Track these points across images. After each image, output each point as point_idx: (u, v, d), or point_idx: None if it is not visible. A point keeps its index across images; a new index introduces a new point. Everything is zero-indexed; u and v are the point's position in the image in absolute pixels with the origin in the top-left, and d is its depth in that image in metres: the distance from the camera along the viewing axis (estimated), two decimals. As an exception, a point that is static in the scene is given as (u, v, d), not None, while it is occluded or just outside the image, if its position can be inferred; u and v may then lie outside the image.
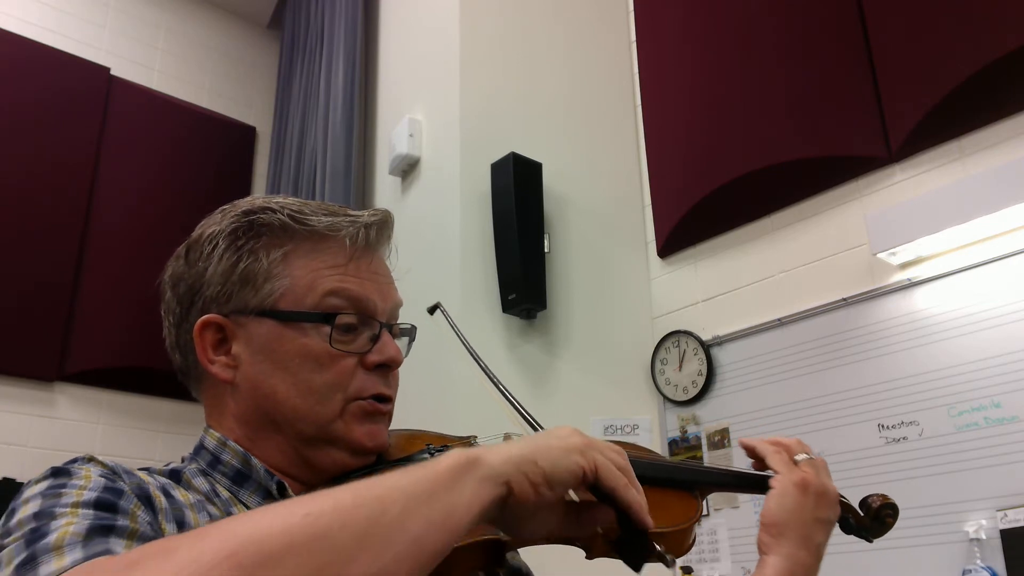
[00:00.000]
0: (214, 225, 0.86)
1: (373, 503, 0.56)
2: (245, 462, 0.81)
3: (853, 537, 0.96)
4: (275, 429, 0.82)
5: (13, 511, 0.65)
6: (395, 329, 0.89)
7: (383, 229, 0.88)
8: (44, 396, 3.55)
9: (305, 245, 0.84)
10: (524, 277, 2.55)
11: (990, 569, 1.83)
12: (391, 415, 0.87)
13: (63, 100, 3.82)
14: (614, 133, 3.04)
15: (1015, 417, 1.89)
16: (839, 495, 0.91)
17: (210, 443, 0.83)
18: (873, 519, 0.94)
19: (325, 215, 0.85)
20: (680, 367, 2.64)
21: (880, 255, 2.16)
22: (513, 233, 2.58)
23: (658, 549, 0.70)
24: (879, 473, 2.09)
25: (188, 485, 0.79)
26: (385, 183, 3.32)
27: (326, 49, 3.83)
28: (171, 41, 4.41)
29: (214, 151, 4.32)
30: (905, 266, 2.18)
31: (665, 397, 2.68)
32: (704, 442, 2.55)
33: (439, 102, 2.98)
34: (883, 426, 2.12)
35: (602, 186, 2.94)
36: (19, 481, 3.28)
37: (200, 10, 4.57)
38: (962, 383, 1.99)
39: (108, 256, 3.78)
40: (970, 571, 1.85)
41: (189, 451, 0.86)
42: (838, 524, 0.92)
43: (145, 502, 0.69)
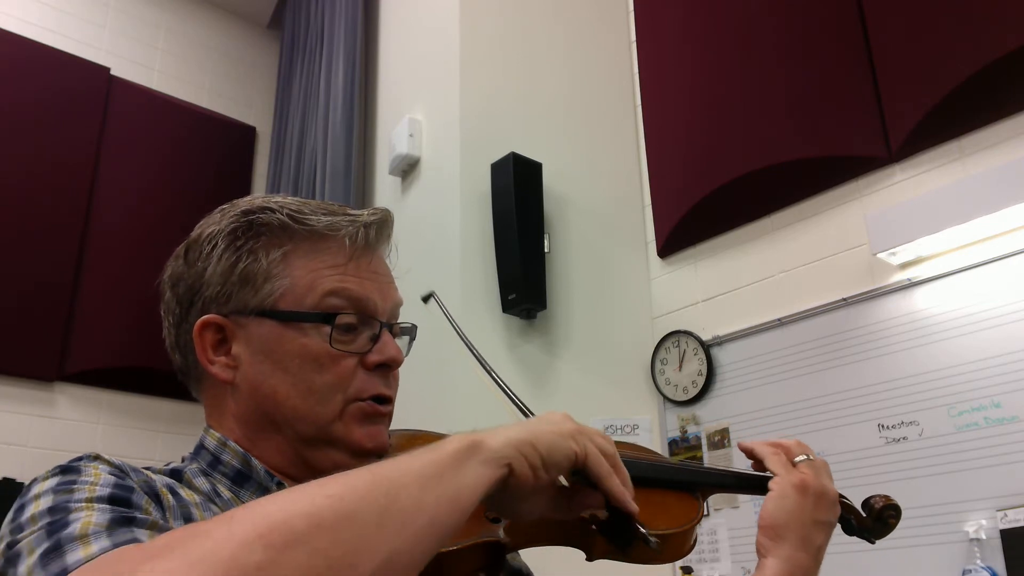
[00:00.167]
0: (213, 225, 0.85)
1: (390, 484, 0.59)
2: (245, 462, 0.81)
3: (854, 537, 0.96)
4: (275, 429, 0.82)
5: (23, 507, 0.65)
6: (395, 329, 0.88)
7: (383, 228, 0.87)
8: (44, 396, 3.55)
9: (305, 245, 0.83)
10: (524, 277, 2.55)
11: (990, 569, 1.83)
12: (391, 416, 0.87)
13: (63, 100, 3.82)
14: (614, 133, 3.04)
15: (1015, 417, 1.89)
16: (840, 496, 0.91)
17: (210, 443, 0.83)
18: (875, 520, 0.93)
19: (324, 214, 0.85)
20: (680, 367, 2.64)
21: (880, 255, 2.16)
22: (513, 233, 2.58)
23: (643, 531, 0.72)
24: (879, 473, 2.09)
25: (189, 485, 0.78)
26: (385, 183, 3.32)
27: (326, 49, 3.83)
28: (171, 41, 4.41)
29: (214, 151, 4.32)
30: (905, 266, 2.18)
31: (665, 397, 2.68)
32: (704, 442, 2.54)
33: (439, 102, 2.98)
34: (883, 426, 2.12)
35: (602, 186, 2.94)
36: (19, 481, 3.28)
37: (200, 10, 4.57)
38: (962, 383, 1.99)
39: (108, 256, 3.78)
40: (970, 571, 1.85)
41: (189, 451, 0.86)
42: (840, 525, 0.91)
43: (154, 499, 0.69)
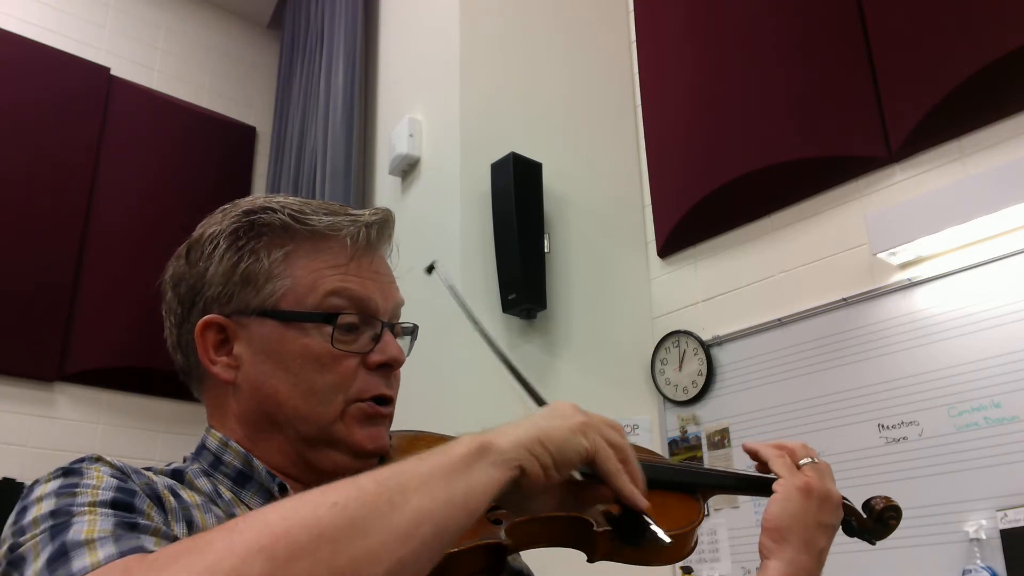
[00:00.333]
0: (215, 225, 0.85)
1: (396, 489, 0.58)
2: (247, 463, 0.81)
3: (854, 538, 0.96)
4: (276, 430, 0.82)
5: (25, 510, 0.64)
6: (397, 328, 0.88)
7: (384, 228, 0.87)
8: (44, 396, 3.55)
9: (306, 245, 0.83)
10: (524, 277, 2.55)
11: (990, 569, 1.83)
12: (392, 417, 0.87)
13: (63, 100, 3.82)
14: (614, 133, 3.04)
15: (1015, 417, 1.89)
16: (842, 499, 0.91)
17: (212, 443, 0.83)
18: (876, 521, 0.93)
19: (326, 214, 0.85)
20: (680, 367, 2.64)
21: (880, 255, 2.16)
22: (513, 233, 2.58)
23: (653, 529, 0.72)
24: (879, 473, 2.09)
25: (191, 486, 0.78)
26: (385, 183, 3.32)
27: (326, 49, 3.82)
28: (171, 41, 4.41)
29: (214, 151, 4.32)
30: (905, 266, 2.18)
31: (665, 397, 2.68)
32: (704, 442, 2.55)
33: (439, 102, 2.98)
34: (883, 426, 2.12)
35: (602, 186, 2.94)
36: (19, 481, 3.27)
37: (200, 10, 4.57)
38: (962, 383, 1.99)
39: (108, 256, 3.78)
40: (970, 571, 1.85)
41: (189, 451, 0.86)
42: (841, 526, 0.91)
43: (156, 501, 0.69)
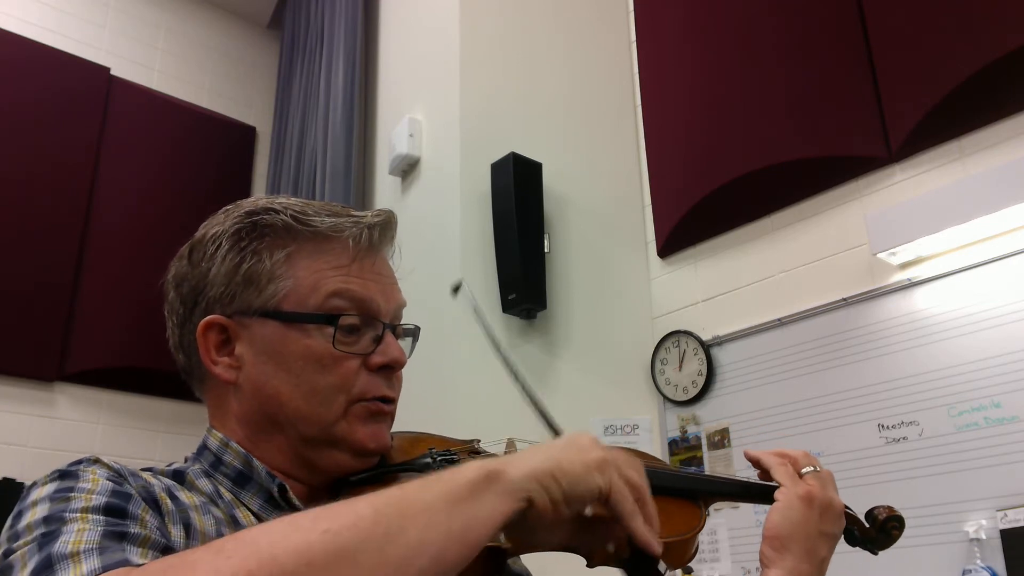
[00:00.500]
0: (217, 225, 0.85)
1: (393, 518, 0.56)
2: (247, 463, 0.81)
3: (856, 548, 0.95)
4: (277, 430, 0.82)
5: (20, 514, 0.64)
6: (398, 330, 0.89)
7: (386, 229, 0.88)
8: (44, 396, 3.55)
9: (308, 246, 0.83)
10: (524, 277, 2.55)
11: (990, 569, 1.83)
12: (394, 416, 0.87)
13: (63, 100, 3.82)
14: (614, 133, 3.04)
15: (1015, 417, 1.89)
16: (845, 507, 0.90)
17: (213, 444, 0.83)
18: (879, 531, 0.93)
19: (328, 215, 0.85)
20: (680, 367, 2.64)
21: (880, 255, 2.16)
22: (513, 233, 2.58)
23: (662, 568, 0.70)
24: (879, 473, 2.09)
25: (192, 486, 0.78)
26: (385, 183, 3.32)
27: (326, 49, 3.82)
28: (171, 41, 4.40)
29: (214, 151, 4.32)
30: (905, 266, 2.18)
31: (665, 397, 2.68)
32: (704, 442, 2.55)
33: (439, 102, 2.98)
34: (883, 426, 2.12)
35: (602, 186, 2.94)
36: (19, 481, 3.27)
37: (200, 10, 4.56)
38: (962, 383, 1.99)
39: (108, 256, 3.78)
40: (970, 571, 1.85)
41: (189, 451, 0.86)
42: (843, 536, 0.91)
43: (152, 505, 0.68)
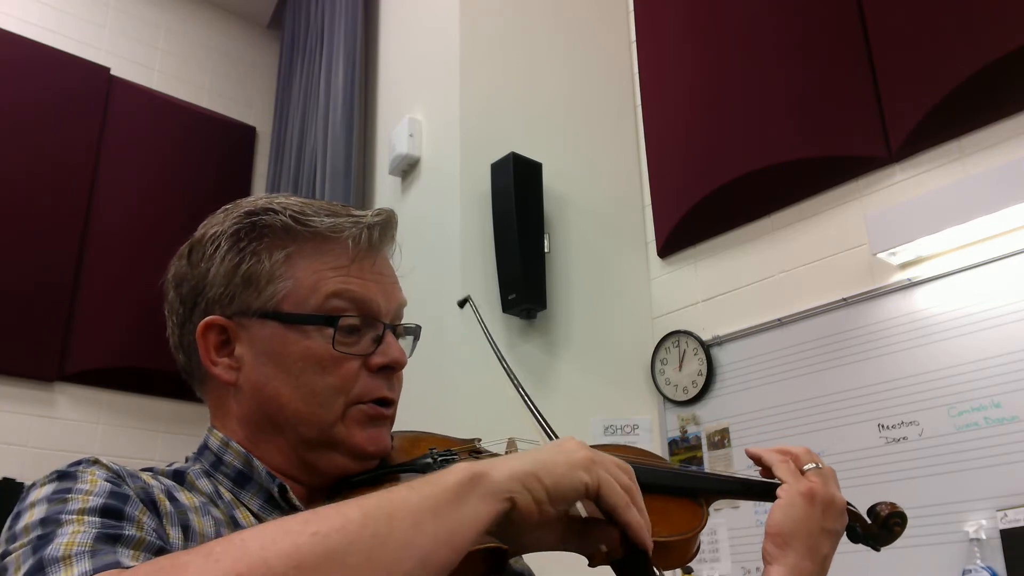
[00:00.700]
0: (216, 225, 0.85)
1: (381, 521, 0.57)
2: (247, 463, 0.81)
3: (859, 544, 0.95)
4: (277, 431, 0.82)
5: (19, 515, 0.65)
6: (399, 329, 0.88)
7: (387, 229, 0.87)
8: (44, 396, 3.55)
9: (308, 246, 0.83)
10: (524, 277, 2.55)
11: (990, 569, 1.83)
12: (394, 418, 0.87)
13: (63, 100, 3.82)
14: (614, 133, 3.04)
15: (1015, 417, 1.89)
16: (847, 504, 0.90)
17: (213, 444, 0.83)
18: (881, 527, 0.93)
19: (328, 216, 0.84)
20: (680, 367, 2.64)
21: (880, 255, 2.16)
22: (513, 233, 2.58)
23: (657, 574, 0.69)
24: (879, 473, 2.09)
25: (192, 486, 0.79)
26: (385, 183, 3.32)
27: (326, 49, 3.82)
28: (171, 41, 4.41)
29: (214, 151, 4.32)
30: (905, 266, 2.18)
31: (665, 397, 2.68)
32: (704, 442, 2.55)
33: (439, 102, 2.98)
34: (883, 426, 2.12)
35: (602, 186, 2.94)
36: (19, 481, 3.28)
37: (200, 10, 4.56)
38: (962, 383, 1.99)
39: (108, 256, 3.78)
40: (970, 571, 1.85)
41: (189, 451, 0.86)
42: (845, 532, 0.91)
43: (150, 506, 0.69)
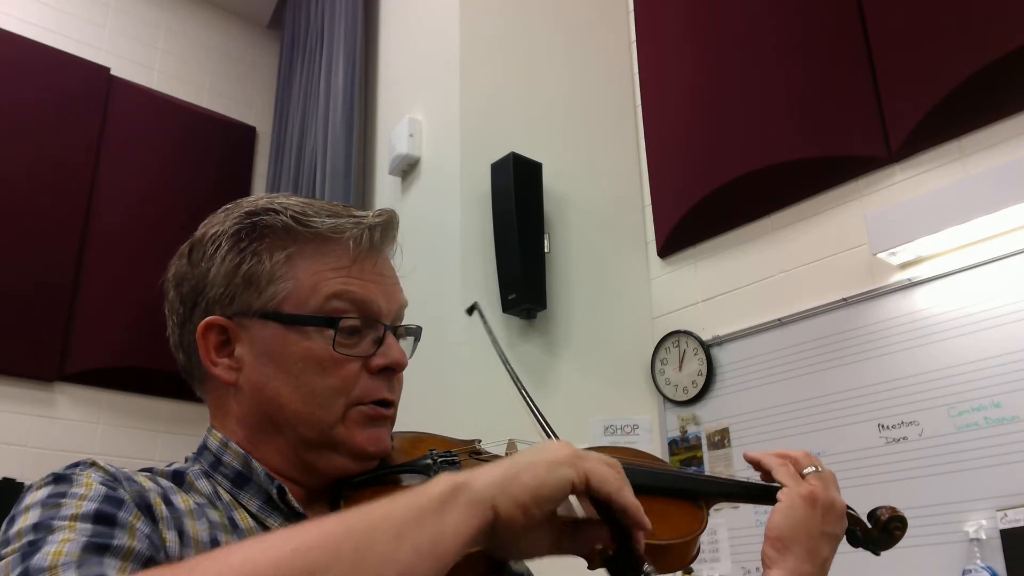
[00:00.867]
0: (217, 225, 0.85)
1: (362, 534, 0.57)
2: (246, 464, 0.81)
3: (859, 548, 0.95)
4: (276, 432, 0.82)
5: (13, 519, 0.65)
6: (400, 330, 0.88)
7: (388, 230, 0.87)
8: (44, 396, 3.55)
9: (309, 247, 0.83)
10: (524, 277, 2.55)
11: (990, 569, 1.83)
12: (394, 419, 0.87)
13: (63, 100, 3.82)
14: (614, 133, 3.04)
15: (1015, 417, 1.89)
16: (847, 507, 0.90)
17: (213, 444, 0.83)
18: (881, 532, 0.93)
19: (329, 216, 0.84)
20: (680, 367, 2.64)
21: (880, 255, 2.16)
22: (513, 233, 2.58)
23: (647, 569, 0.68)
24: (879, 473, 2.09)
25: (191, 487, 0.79)
26: (385, 183, 3.32)
27: (326, 49, 3.82)
28: (171, 41, 4.40)
29: (214, 151, 4.32)
30: (905, 266, 2.18)
31: (665, 397, 2.68)
32: (704, 442, 2.55)
33: (439, 102, 2.98)
34: (883, 426, 2.12)
35: (602, 186, 2.94)
36: (19, 481, 3.28)
37: (200, 10, 4.56)
38: (962, 383, 1.99)
39: (108, 256, 3.78)
40: (970, 571, 1.85)
41: (189, 451, 0.87)
42: (845, 536, 0.91)
43: (145, 511, 0.69)
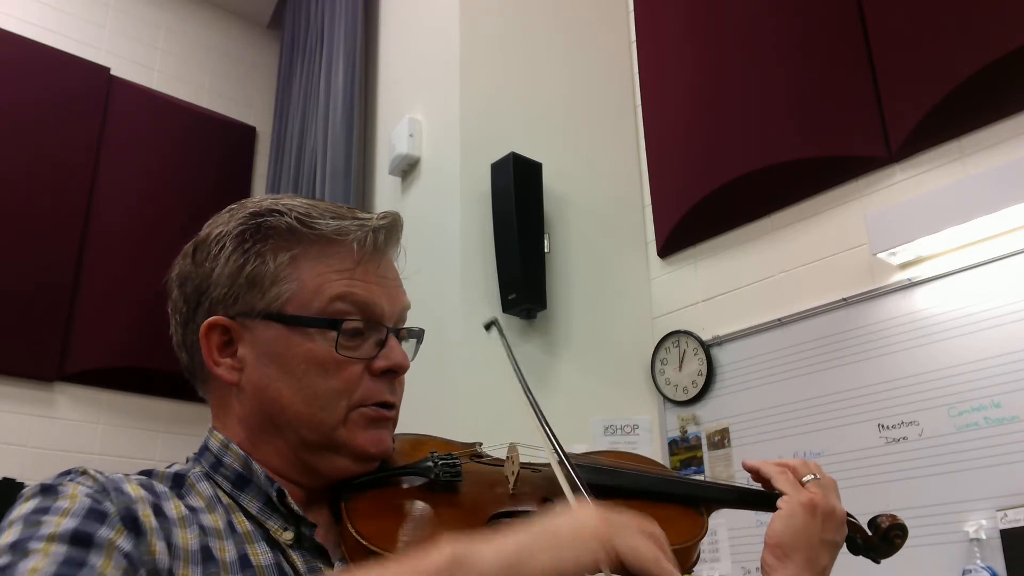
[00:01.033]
0: (221, 225, 0.85)
1: None
2: (246, 466, 0.81)
3: (859, 556, 0.94)
4: (277, 433, 0.82)
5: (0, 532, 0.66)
6: (402, 333, 0.88)
7: (392, 232, 0.87)
8: (44, 396, 3.55)
9: (313, 249, 0.83)
10: (524, 277, 2.55)
11: (990, 569, 1.83)
12: (396, 421, 0.87)
13: (63, 100, 3.82)
14: (614, 133, 3.04)
15: (1015, 417, 1.89)
16: (847, 515, 0.90)
17: (214, 445, 0.84)
18: (882, 540, 0.92)
19: (333, 218, 0.84)
20: (680, 367, 2.64)
21: (880, 255, 2.16)
22: (513, 233, 2.58)
23: None
24: (879, 473, 2.10)
25: (191, 490, 0.79)
26: (385, 183, 3.32)
27: (326, 49, 3.82)
28: (171, 41, 4.40)
29: (214, 151, 4.32)
30: (905, 266, 2.18)
31: (665, 397, 2.68)
32: (704, 442, 2.55)
33: (439, 102, 2.98)
34: (883, 426, 2.12)
35: (602, 186, 2.94)
36: (19, 481, 3.28)
37: (200, 10, 4.56)
38: (962, 383, 2.00)
39: (108, 256, 3.78)
40: (970, 571, 1.86)
41: (188, 451, 0.87)
42: (845, 544, 0.91)
43: (131, 524, 0.68)
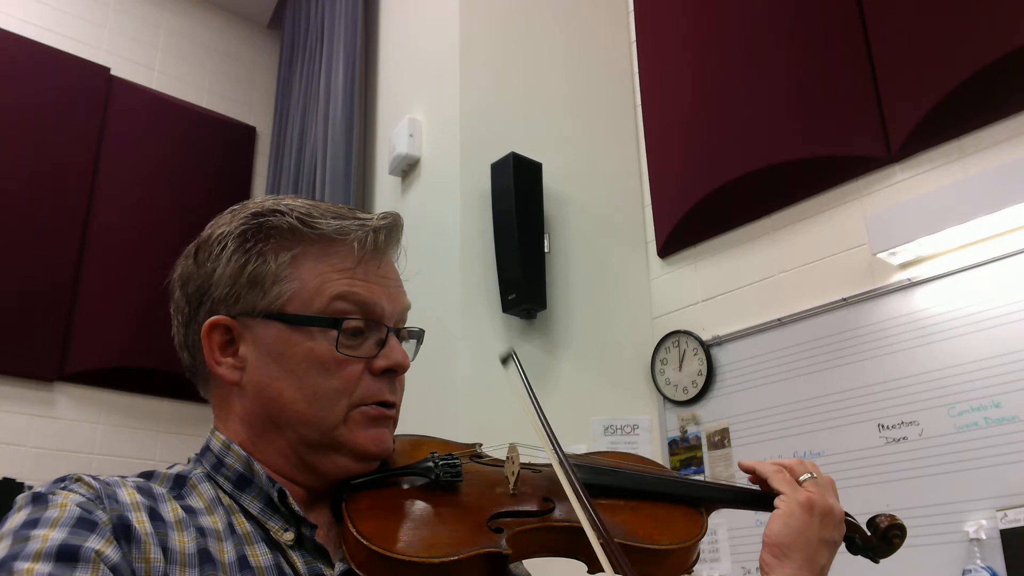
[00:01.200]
0: (223, 226, 0.86)
1: None
2: (248, 466, 0.81)
3: (858, 556, 0.94)
4: (278, 432, 0.82)
5: None
6: (403, 332, 0.89)
7: (392, 232, 0.88)
8: (44, 396, 3.55)
9: (314, 249, 0.84)
10: (524, 277, 2.55)
11: (990, 569, 1.84)
12: (396, 420, 0.87)
13: (63, 100, 3.82)
14: (614, 133, 3.04)
15: (1015, 417, 1.89)
16: (845, 514, 0.90)
17: (215, 445, 0.84)
18: (880, 539, 0.92)
19: (334, 218, 0.85)
20: (680, 367, 2.64)
21: (880, 255, 2.16)
22: (513, 233, 2.58)
23: None
24: (879, 473, 2.10)
25: (192, 491, 0.79)
26: (385, 183, 3.32)
27: (326, 49, 3.82)
28: (171, 41, 4.41)
29: (214, 151, 4.32)
30: (905, 266, 2.19)
31: (665, 397, 2.68)
32: (704, 442, 2.55)
33: (439, 102, 2.98)
34: (883, 426, 2.13)
35: (602, 186, 2.94)
36: (19, 481, 3.28)
37: (200, 10, 4.56)
38: (962, 383, 2.00)
39: (108, 256, 3.78)
40: (970, 571, 1.86)
41: (188, 451, 0.87)
42: (844, 544, 0.91)
43: (123, 532, 0.69)
